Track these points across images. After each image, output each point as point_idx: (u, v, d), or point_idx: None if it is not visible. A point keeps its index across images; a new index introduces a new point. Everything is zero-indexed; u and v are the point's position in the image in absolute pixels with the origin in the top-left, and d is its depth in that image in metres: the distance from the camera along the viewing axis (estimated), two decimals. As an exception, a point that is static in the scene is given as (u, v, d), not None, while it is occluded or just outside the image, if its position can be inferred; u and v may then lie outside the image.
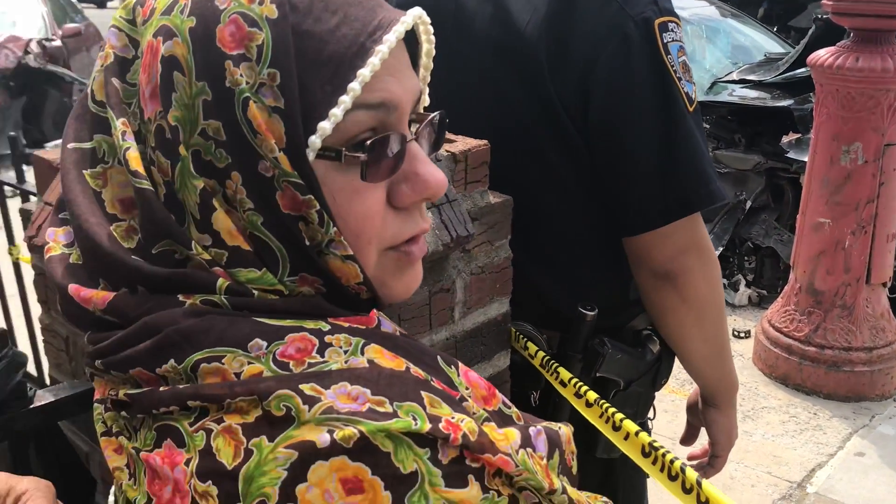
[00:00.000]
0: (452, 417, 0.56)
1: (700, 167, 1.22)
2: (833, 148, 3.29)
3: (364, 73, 0.57)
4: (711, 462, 1.49)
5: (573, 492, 0.63)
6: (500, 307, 1.29)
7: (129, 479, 0.58)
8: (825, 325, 3.43)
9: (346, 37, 0.57)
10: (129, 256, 0.59)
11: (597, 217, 1.30)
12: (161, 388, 0.56)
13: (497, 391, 0.71)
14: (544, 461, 0.61)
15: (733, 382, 1.43)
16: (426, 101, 0.70)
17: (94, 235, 0.59)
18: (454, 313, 1.22)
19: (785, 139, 4.27)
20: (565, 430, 0.70)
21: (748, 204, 4.27)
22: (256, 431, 0.52)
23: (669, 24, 1.19)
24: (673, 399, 3.43)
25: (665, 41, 1.18)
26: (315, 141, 0.56)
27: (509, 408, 0.71)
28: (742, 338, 3.95)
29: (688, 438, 1.56)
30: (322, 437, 0.51)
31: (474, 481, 0.55)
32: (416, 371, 0.59)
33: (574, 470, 0.71)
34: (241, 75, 0.55)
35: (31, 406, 1.01)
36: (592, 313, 1.28)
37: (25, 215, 1.18)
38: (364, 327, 0.62)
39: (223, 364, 0.55)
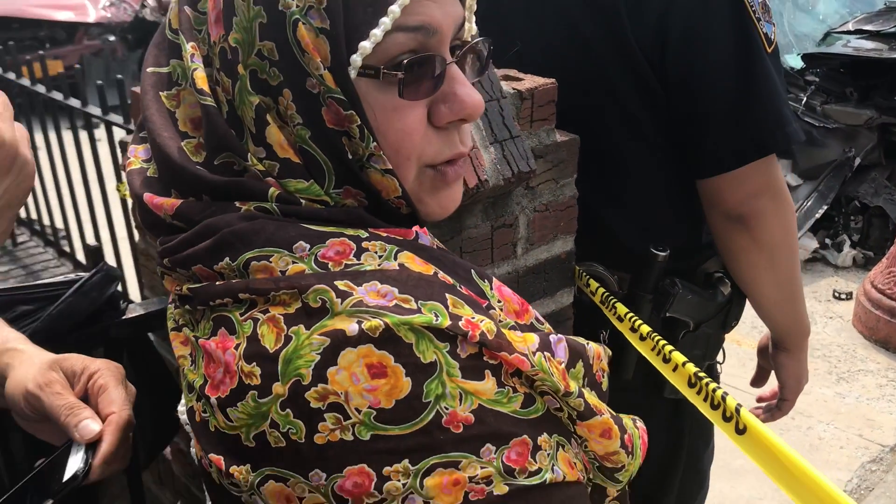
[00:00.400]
0: (473, 318, 0.60)
1: (777, 108, 1.21)
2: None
3: None
4: (779, 405, 1.49)
5: (594, 399, 0.67)
6: (565, 245, 1.32)
7: (191, 365, 0.65)
8: (932, 287, 3.28)
9: None
10: (195, 167, 0.66)
11: (671, 159, 1.30)
12: (217, 283, 0.63)
13: (531, 308, 0.76)
14: (562, 366, 0.65)
15: (805, 327, 1.42)
16: (473, 29, 0.74)
17: (165, 148, 0.66)
18: (517, 248, 1.26)
19: None
20: (594, 347, 0.73)
21: (857, 161, 4.09)
22: (296, 321, 0.58)
23: None
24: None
25: None
26: (356, 59, 0.61)
27: (542, 323, 0.75)
28: (843, 299, 3.82)
29: (758, 380, 1.57)
30: (351, 327, 0.56)
31: (491, 376, 0.60)
32: (444, 277, 0.64)
33: (604, 386, 0.74)
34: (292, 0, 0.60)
35: (124, 318, 1.11)
36: (664, 254, 1.30)
37: (124, 147, 1.28)
38: (401, 238, 0.67)
39: (271, 262, 0.61)
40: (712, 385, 0.98)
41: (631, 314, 1.16)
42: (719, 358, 1.51)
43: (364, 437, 0.55)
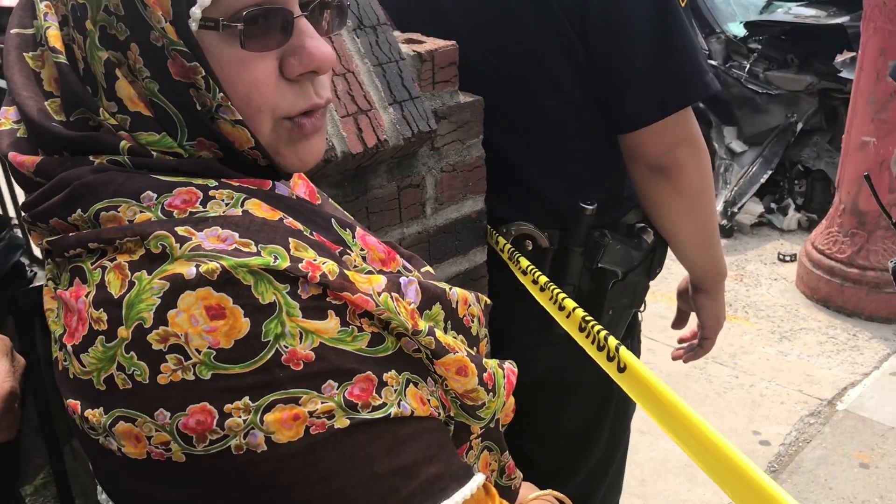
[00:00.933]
0: (315, 260, 0.63)
1: (694, 59, 1.26)
2: (880, 63, 3.19)
3: None
4: (701, 343, 1.55)
5: (447, 339, 0.70)
6: (475, 204, 1.35)
7: (56, 317, 0.68)
8: (868, 246, 3.37)
9: None
10: (51, 124, 0.68)
11: (594, 118, 1.34)
12: (70, 234, 0.65)
13: (398, 256, 0.78)
14: (412, 306, 0.68)
15: (722, 269, 1.49)
16: None
17: (25, 108, 0.68)
18: (425, 208, 1.29)
19: (839, 58, 4.12)
20: (460, 292, 0.76)
21: (799, 126, 4.17)
22: (139, 266, 0.60)
23: None
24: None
25: None
26: (196, 12, 0.63)
27: (410, 272, 0.78)
28: (787, 261, 3.91)
29: (678, 322, 1.63)
30: (189, 270, 0.59)
31: (334, 316, 0.62)
32: (292, 223, 0.67)
33: (474, 331, 0.77)
34: None
35: (32, 285, 1.13)
36: (592, 207, 1.35)
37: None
38: (255, 188, 0.69)
39: (119, 212, 0.64)
40: (597, 327, 1.02)
41: (532, 267, 1.20)
42: (641, 307, 1.56)
43: (205, 377, 0.58)
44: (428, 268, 0.86)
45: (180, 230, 0.61)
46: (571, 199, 1.36)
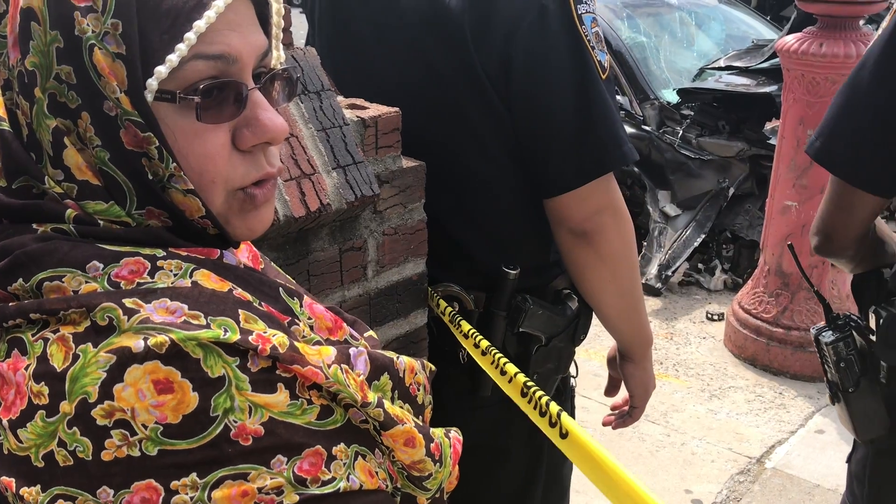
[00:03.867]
0: (265, 332, 0.63)
1: (613, 129, 1.30)
2: (799, 132, 3.34)
3: (199, 24, 0.64)
4: (630, 412, 1.57)
5: (396, 410, 0.70)
6: (416, 267, 1.36)
7: None
8: (792, 306, 3.49)
9: None
10: None
11: (520, 181, 1.37)
12: (10, 304, 0.64)
13: (345, 324, 0.78)
14: (361, 378, 0.68)
15: (647, 337, 1.51)
16: (281, 57, 0.77)
17: None
18: (367, 271, 1.29)
19: (768, 125, 4.30)
20: (407, 361, 0.77)
21: (731, 191, 4.28)
22: (84, 339, 0.59)
23: None
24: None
25: (579, 12, 1.26)
26: (152, 83, 0.63)
27: (357, 340, 0.78)
28: (715, 320, 4.01)
29: (610, 389, 1.65)
30: (137, 344, 0.58)
31: (284, 389, 0.62)
32: (240, 293, 0.67)
33: (420, 399, 0.77)
34: (87, 25, 0.62)
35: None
36: (515, 272, 1.37)
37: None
38: (203, 257, 0.69)
39: (63, 282, 0.62)
40: (539, 393, 1.03)
41: (474, 331, 1.21)
42: (572, 371, 1.57)
43: (151, 453, 0.57)
44: (371, 332, 0.86)
45: (128, 302, 0.60)
46: (497, 262, 1.38)
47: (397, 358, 0.76)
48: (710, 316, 4.05)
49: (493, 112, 1.32)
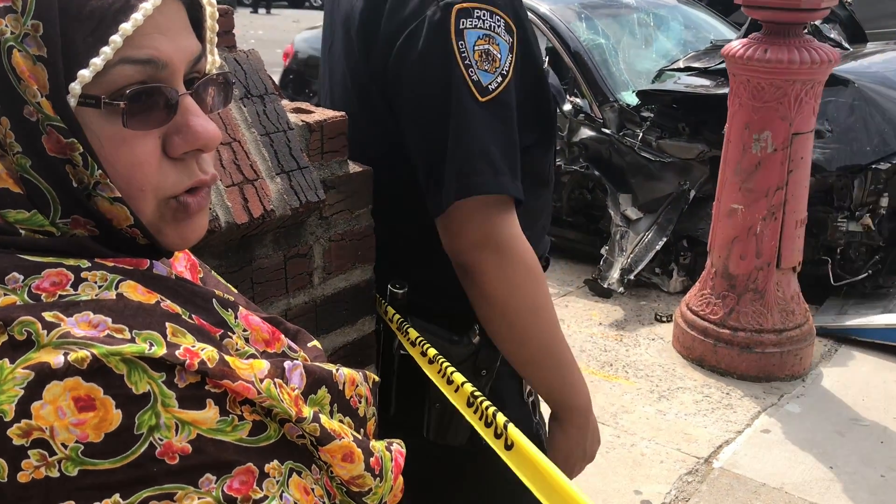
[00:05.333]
0: (193, 346, 0.60)
1: (480, 156, 1.15)
2: (745, 136, 3.40)
3: (126, 27, 0.61)
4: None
5: (333, 424, 0.68)
6: (363, 273, 1.34)
7: None
8: (738, 308, 3.54)
9: None
10: None
11: (419, 200, 1.25)
12: None
13: (283, 336, 0.76)
14: (296, 392, 0.67)
15: (573, 401, 1.30)
16: (216, 61, 0.75)
17: None
18: (313, 278, 1.26)
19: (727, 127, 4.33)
20: (347, 373, 0.75)
21: (692, 194, 4.25)
22: (1, 354, 0.56)
23: (476, 10, 1.15)
24: (592, 380, 3.52)
25: (461, 27, 1.14)
26: (75, 87, 0.61)
27: (295, 352, 0.76)
28: (664, 322, 4.06)
29: None
30: (57, 359, 0.55)
31: (213, 405, 0.60)
32: (169, 306, 0.64)
33: (361, 412, 0.76)
34: (6, 26, 0.59)
35: None
36: (402, 291, 1.28)
37: None
38: (131, 268, 0.66)
39: None
40: (486, 403, 1.02)
41: (421, 339, 1.19)
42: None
43: (71, 473, 0.54)
44: (315, 342, 0.84)
45: (48, 315, 0.58)
46: (390, 277, 1.30)
47: (336, 370, 0.74)
48: (658, 317, 4.10)
49: (386, 126, 1.25)
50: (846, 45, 4.75)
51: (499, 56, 1.17)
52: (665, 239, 4.21)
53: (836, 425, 3.21)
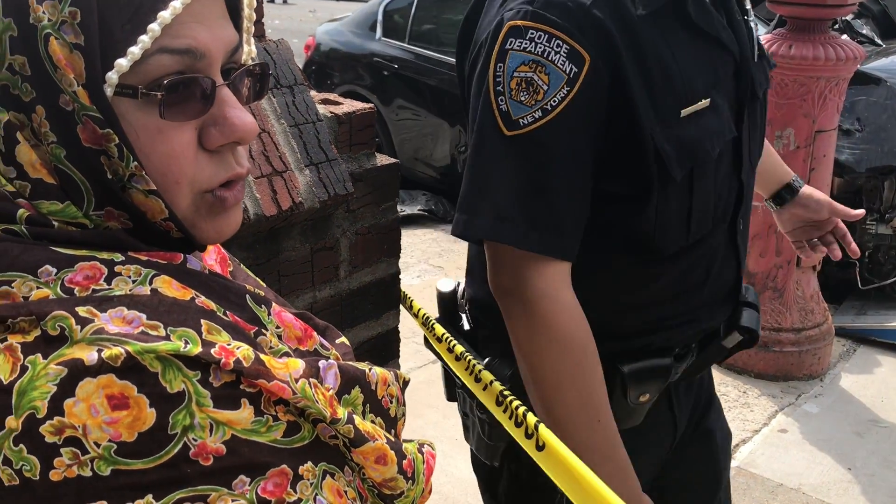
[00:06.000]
0: (229, 344, 0.59)
1: (478, 194, 1.04)
2: (768, 133, 3.36)
3: (164, 15, 0.60)
4: None
5: (367, 426, 0.67)
6: (389, 268, 1.33)
7: None
8: (757, 306, 3.51)
9: None
10: None
11: None
12: None
13: (315, 334, 0.75)
14: (331, 392, 0.65)
15: (606, 469, 1.05)
16: (252, 52, 0.73)
17: None
18: (339, 271, 1.25)
19: None
20: (380, 372, 0.73)
21: None
22: (34, 349, 0.55)
23: (530, 30, 1.00)
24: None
25: (506, 47, 1.01)
26: (112, 77, 0.59)
27: (328, 349, 0.75)
28: (680, 319, 4.03)
29: None
30: (90, 356, 0.54)
31: (248, 405, 0.58)
32: (204, 302, 0.63)
33: (392, 412, 0.74)
34: (43, 13, 0.58)
35: None
36: (445, 290, 1.24)
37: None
38: (165, 262, 0.65)
39: (13, 288, 0.58)
40: (516, 402, 1.01)
41: (447, 335, 1.18)
42: None
43: (104, 473, 0.53)
44: (343, 339, 0.83)
45: (81, 311, 0.56)
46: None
47: (370, 369, 0.73)
48: (675, 314, 4.07)
49: None
50: (879, 41, 4.68)
51: (544, 87, 1.00)
52: None
53: (854, 426, 3.18)
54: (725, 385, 3.47)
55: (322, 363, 0.67)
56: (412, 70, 5.35)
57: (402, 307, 1.35)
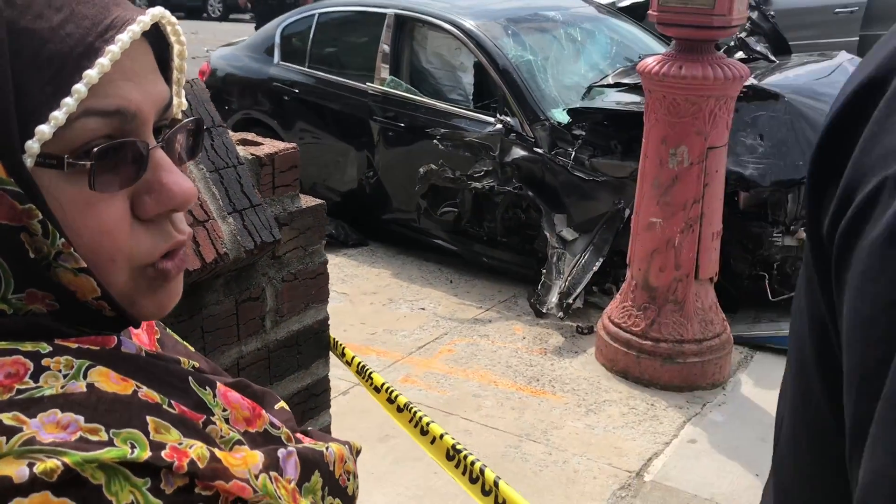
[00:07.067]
0: (180, 443, 0.53)
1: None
2: (662, 151, 3.46)
3: (91, 73, 0.53)
4: None
5: None
6: (317, 314, 1.26)
7: None
8: (659, 319, 3.59)
9: (72, 35, 0.53)
10: None
11: None
12: None
13: (264, 412, 0.69)
14: (292, 484, 0.61)
15: None
16: (183, 104, 0.67)
17: None
18: (265, 322, 1.18)
19: None
20: (336, 449, 0.68)
21: (627, 212, 4.09)
22: None
23: None
24: (520, 396, 3.50)
25: None
26: (33, 146, 0.52)
27: (278, 428, 0.69)
28: (585, 334, 4.09)
29: None
30: (20, 472, 0.47)
31: None
32: (147, 394, 0.56)
33: (350, 490, 0.70)
34: None
35: None
36: None
37: None
38: (98, 348, 0.58)
39: None
40: (471, 458, 0.96)
41: (389, 385, 1.13)
42: None
43: None
44: (282, 404, 0.77)
45: (6, 418, 0.49)
46: None
47: (326, 449, 0.68)
48: (579, 329, 4.12)
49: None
50: (772, 58, 4.88)
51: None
52: (602, 259, 4.13)
53: (758, 432, 3.29)
54: (634, 399, 3.53)
55: (281, 452, 0.61)
56: (313, 94, 5.25)
57: (332, 354, 1.29)
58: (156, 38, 0.61)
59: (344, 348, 1.23)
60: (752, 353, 3.90)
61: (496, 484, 0.91)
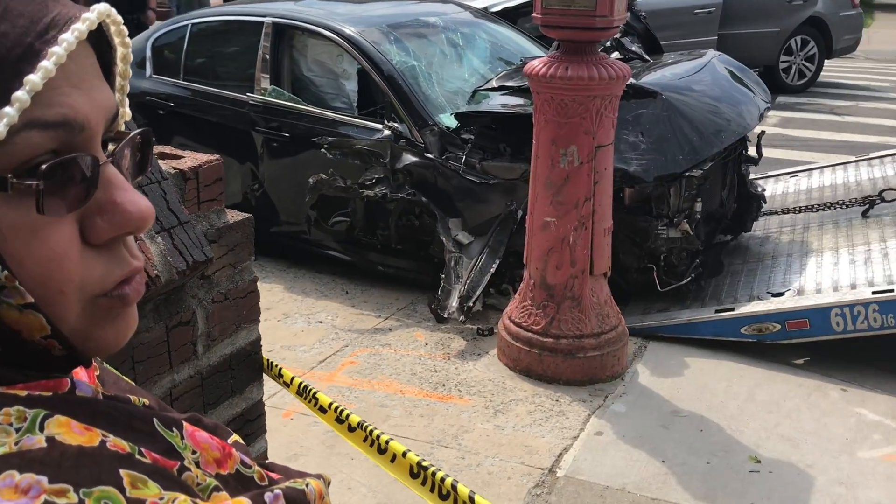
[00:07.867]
0: (161, 498, 0.47)
1: None
2: (552, 151, 3.52)
3: (34, 79, 0.46)
4: None
5: None
6: (249, 335, 1.19)
7: None
8: (559, 316, 3.66)
9: (7, 36, 0.46)
10: None
11: None
12: None
13: (234, 451, 0.63)
14: None
15: None
16: (127, 114, 0.60)
17: None
18: (197, 347, 1.10)
19: None
20: (315, 485, 0.64)
21: (520, 213, 4.14)
22: None
23: None
24: (428, 403, 3.48)
25: None
26: None
27: (249, 467, 0.64)
28: (486, 335, 4.11)
29: None
30: None
31: None
32: (116, 444, 0.50)
33: None
34: None
35: None
36: None
37: None
38: (50, 394, 0.51)
39: None
40: (440, 475, 0.93)
41: (336, 404, 1.07)
42: None
43: None
44: (235, 437, 0.72)
45: None
46: None
47: (307, 486, 0.63)
48: (480, 331, 4.14)
49: None
50: (646, 57, 5.06)
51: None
52: (498, 261, 4.16)
53: (659, 420, 3.40)
54: (539, 396, 3.58)
55: (268, 496, 0.56)
56: (190, 107, 5.05)
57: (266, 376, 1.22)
58: (97, 40, 0.55)
59: (281, 369, 1.17)
60: (645, 343, 4.03)
61: (471, 499, 0.88)
